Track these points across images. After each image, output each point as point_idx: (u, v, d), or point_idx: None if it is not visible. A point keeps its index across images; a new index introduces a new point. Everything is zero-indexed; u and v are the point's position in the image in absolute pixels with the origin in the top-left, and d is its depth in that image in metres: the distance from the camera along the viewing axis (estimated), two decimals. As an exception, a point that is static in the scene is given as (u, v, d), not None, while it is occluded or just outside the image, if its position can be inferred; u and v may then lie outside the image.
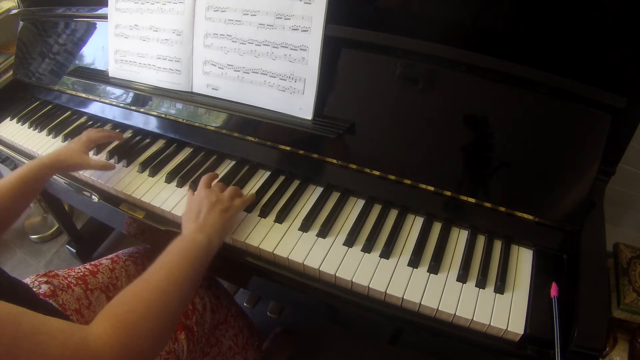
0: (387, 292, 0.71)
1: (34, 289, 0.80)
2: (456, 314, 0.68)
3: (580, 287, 0.66)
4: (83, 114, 1.17)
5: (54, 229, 1.83)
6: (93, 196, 0.96)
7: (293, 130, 0.85)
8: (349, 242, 0.78)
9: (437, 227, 0.81)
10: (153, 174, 0.95)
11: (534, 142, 0.76)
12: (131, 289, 0.55)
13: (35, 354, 0.42)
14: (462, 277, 0.73)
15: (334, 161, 0.85)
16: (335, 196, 0.87)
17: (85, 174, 0.97)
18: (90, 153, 1.02)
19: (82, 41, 1.15)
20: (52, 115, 1.19)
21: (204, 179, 0.83)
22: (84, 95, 1.13)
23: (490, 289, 0.71)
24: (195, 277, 0.63)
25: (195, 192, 0.81)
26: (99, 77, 1.08)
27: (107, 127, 1.12)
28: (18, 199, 0.78)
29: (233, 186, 0.83)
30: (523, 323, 0.67)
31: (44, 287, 0.80)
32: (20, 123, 1.19)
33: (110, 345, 0.46)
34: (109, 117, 1.10)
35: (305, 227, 0.81)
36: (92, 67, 1.12)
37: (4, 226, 0.77)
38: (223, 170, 0.95)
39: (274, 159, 0.92)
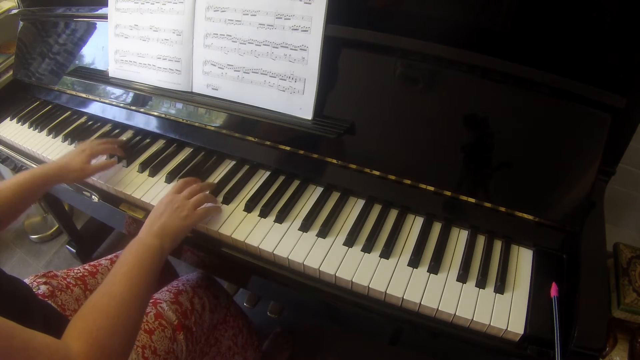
0: (387, 292, 0.71)
1: (33, 289, 0.80)
2: (456, 314, 0.68)
3: (580, 287, 0.66)
4: (83, 114, 1.17)
5: (54, 229, 1.83)
6: (93, 196, 0.96)
7: (293, 130, 0.85)
8: (349, 242, 0.77)
9: (437, 227, 0.81)
10: (153, 174, 0.95)
11: (534, 142, 0.76)
12: (98, 302, 0.58)
13: None
14: (462, 277, 0.73)
15: (334, 161, 0.85)
16: (335, 196, 0.87)
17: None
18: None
19: (82, 41, 1.15)
20: (52, 115, 1.19)
21: (179, 182, 0.84)
22: (84, 95, 1.13)
23: (490, 289, 0.71)
24: (151, 283, 0.65)
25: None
26: (99, 77, 1.08)
27: (107, 127, 1.12)
28: (15, 204, 0.78)
29: (204, 194, 0.82)
30: (523, 323, 0.67)
31: (43, 288, 0.80)
32: (20, 123, 1.19)
33: None
34: (109, 117, 1.10)
35: (305, 227, 0.81)
36: (92, 67, 1.12)
37: None
38: (223, 170, 0.95)
39: (274, 159, 0.92)
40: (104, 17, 1.04)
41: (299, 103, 0.84)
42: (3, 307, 0.58)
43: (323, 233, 0.79)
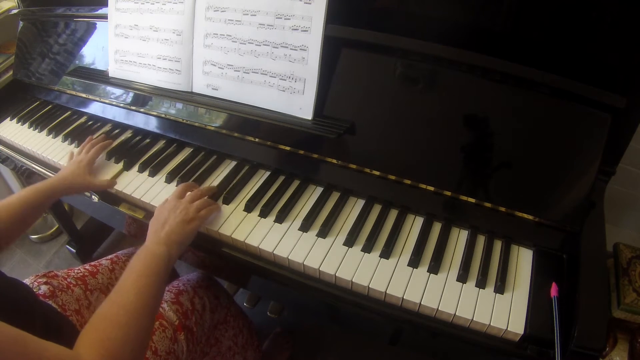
0: (387, 292, 0.71)
1: (34, 289, 0.80)
2: (456, 314, 0.68)
3: (580, 287, 0.66)
4: (83, 114, 1.17)
5: (54, 229, 1.83)
6: (93, 196, 0.96)
7: (293, 130, 0.85)
8: (349, 242, 0.77)
9: (437, 227, 0.81)
10: (153, 174, 0.95)
11: (534, 142, 0.76)
12: (109, 312, 0.58)
13: None
14: (462, 277, 0.73)
15: (334, 161, 0.85)
16: (335, 196, 0.87)
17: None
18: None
19: (82, 41, 1.15)
20: (52, 115, 1.19)
21: (179, 188, 0.84)
22: (84, 95, 1.13)
23: (490, 289, 0.71)
24: (160, 290, 0.65)
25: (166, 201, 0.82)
26: (99, 77, 1.08)
27: (107, 127, 1.12)
28: (22, 218, 0.80)
29: (205, 199, 0.82)
30: (523, 323, 0.67)
31: (44, 288, 0.80)
32: (20, 123, 1.19)
33: None
34: (109, 117, 1.10)
35: (305, 227, 0.80)
36: (92, 67, 1.12)
37: (5, 244, 0.79)
38: (223, 170, 0.95)
39: (274, 159, 0.92)
40: (104, 17, 1.04)
41: (299, 103, 0.84)
42: (5, 311, 0.58)
43: (323, 233, 0.79)
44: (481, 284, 0.72)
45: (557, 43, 0.77)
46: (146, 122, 1.04)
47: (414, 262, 0.75)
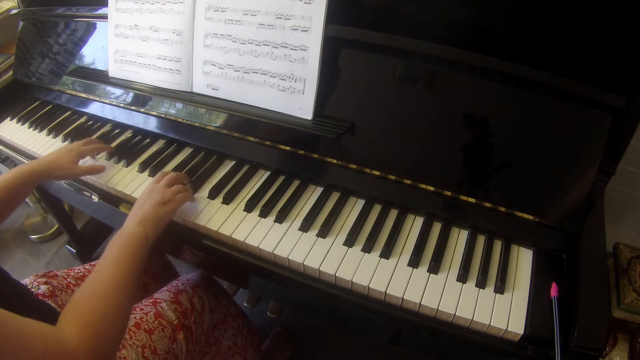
0: (387, 292, 0.71)
1: (33, 290, 0.80)
2: (456, 314, 0.68)
3: (580, 287, 0.66)
4: (83, 114, 1.17)
5: (54, 229, 1.83)
6: (93, 196, 0.96)
7: (293, 130, 0.85)
8: (349, 242, 0.77)
9: (437, 227, 0.81)
10: (153, 174, 0.95)
11: (534, 142, 0.76)
12: (88, 288, 0.60)
13: (23, 352, 0.46)
14: (462, 277, 0.73)
15: (334, 161, 0.85)
16: (335, 196, 0.87)
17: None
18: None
19: (82, 41, 1.15)
20: (52, 115, 1.19)
21: (158, 174, 0.86)
22: (84, 95, 1.13)
23: (490, 289, 0.71)
24: (137, 268, 0.67)
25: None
26: (99, 77, 1.08)
27: (107, 127, 1.12)
28: (5, 203, 0.79)
29: (181, 185, 0.85)
30: (523, 323, 0.67)
31: (43, 288, 0.80)
32: (20, 123, 1.19)
33: (83, 344, 0.52)
34: (109, 117, 1.10)
35: (305, 227, 0.80)
36: (92, 67, 1.12)
37: None
38: (223, 170, 0.95)
39: (274, 159, 0.92)
40: (104, 17, 1.04)
41: (299, 103, 0.85)
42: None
43: (323, 233, 0.79)
44: (481, 284, 0.72)
45: (557, 43, 0.77)
46: (146, 122, 1.04)
47: (414, 262, 0.75)
